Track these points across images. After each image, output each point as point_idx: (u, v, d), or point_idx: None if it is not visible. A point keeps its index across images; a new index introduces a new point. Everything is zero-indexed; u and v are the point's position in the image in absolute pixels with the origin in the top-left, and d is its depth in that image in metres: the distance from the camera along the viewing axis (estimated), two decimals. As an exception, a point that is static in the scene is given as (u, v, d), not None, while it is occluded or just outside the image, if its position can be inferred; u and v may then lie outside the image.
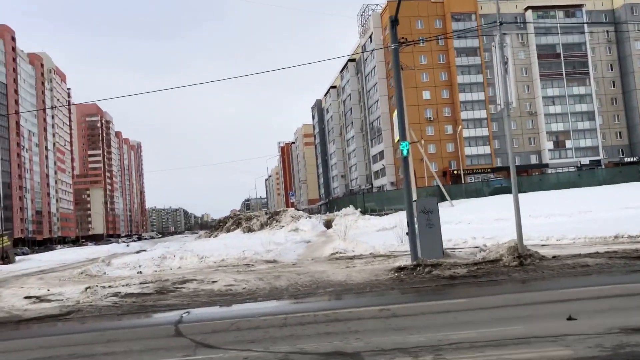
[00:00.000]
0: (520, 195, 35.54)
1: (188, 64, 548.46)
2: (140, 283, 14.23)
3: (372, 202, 42.26)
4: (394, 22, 12.23)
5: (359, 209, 38.74)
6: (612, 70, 73.12)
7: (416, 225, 12.57)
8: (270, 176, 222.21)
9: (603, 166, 65.04)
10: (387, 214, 36.89)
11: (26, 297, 14.08)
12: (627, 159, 68.76)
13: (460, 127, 63.51)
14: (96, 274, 19.45)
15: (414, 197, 36.84)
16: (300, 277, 13.08)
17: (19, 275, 23.51)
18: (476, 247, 17.39)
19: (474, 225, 26.53)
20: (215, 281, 13.53)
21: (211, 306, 10.57)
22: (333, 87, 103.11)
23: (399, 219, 32.83)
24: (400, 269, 12.07)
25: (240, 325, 7.89)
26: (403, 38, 12.41)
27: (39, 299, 13.68)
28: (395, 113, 12.69)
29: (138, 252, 31.86)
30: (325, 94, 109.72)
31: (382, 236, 25.02)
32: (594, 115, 70.73)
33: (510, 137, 12.79)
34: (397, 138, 12.51)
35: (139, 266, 21.40)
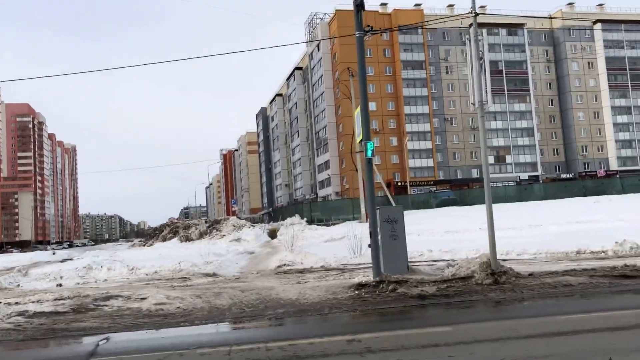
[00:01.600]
0: (466, 207, 35.16)
1: (127, 64, 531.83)
2: (55, 299, 12.08)
3: (318, 211, 40.94)
4: (359, 6, 10.85)
5: (305, 219, 37.26)
6: (550, 88, 75.46)
7: (379, 237, 11.14)
8: (211, 184, 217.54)
9: (541, 181, 66.64)
10: (334, 224, 35.64)
11: None
12: (563, 175, 70.86)
13: (406, 138, 63.45)
14: (7, 286, 16.91)
15: (362, 207, 35.81)
16: (245, 294, 11.37)
17: None
18: (434, 261, 16.25)
19: (424, 237, 25.53)
20: (145, 298, 11.61)
21: (137, 330, 8.72)
22: (279, 94, 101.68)
23: (347, 229, 31.54)
24: (360, 285, 10.59)
25: (170, 363, 6.15)
26: (368, 26, 10.94)
27: None
28: (358, 111, 11.29)
29: (63, 261, 28.99)
30: (271, 102, 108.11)
31: (332, 247, 23.62)
32: (533, 131, 72.60)
33: (485, 140, 11.66)
34: (359, 138, 11.10)
35: (60, 277, 19.00)
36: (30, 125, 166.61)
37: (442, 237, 24.94)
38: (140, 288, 13.47)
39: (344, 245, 25.32)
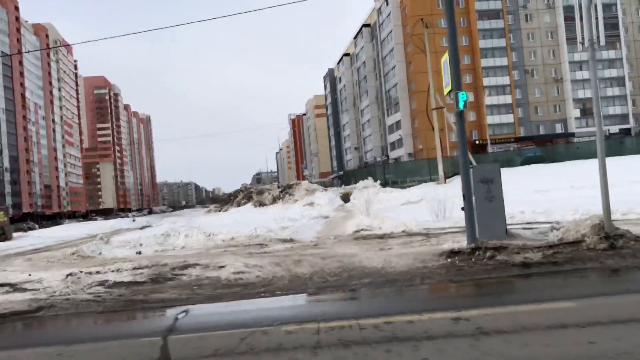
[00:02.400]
0: (554, 165, 32.81)
1: (193, 32, 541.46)
2: (134, 268, 11.89)
3: (391, 173, 39.70)
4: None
5: (379, 181, 36.21)
6: (643, 32, 69.13)
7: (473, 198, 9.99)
8: (280, 149, 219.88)
9: (633, 135, 61.75)
10: (409, 187, 34.37)
11: (0, 285, 11.84)
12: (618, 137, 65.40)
13: (485, 93, 60.07)
14: (90, 254, 17.18)
15: (440, 168, 34.33)
16: (326, 261, 10.64)
17: (9, 254, 21.44)
18: (528, 223, 14.90)
19: (512, 198, 23.78)
20: (223, 266, 11.15)
21: (216, 301, 8.21)
22: (346, 54, 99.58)
23: (424, 191, 30.31)
24: (453, 253, 9.56)
25: (253, 343, 5.47)
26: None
27: (14, 287, 11.37)
28: (445, 57, 10.02)
29: (142, 228, 29.76)
30: (338, 62, 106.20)
31: (410, 211, 22.56)
32: (624, 81, 67.07)
33: (596, 84, 10.08)
34: (447, 88, 9.88)
35: (140, 245, 19.22)
36: (107, 97, 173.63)
37: (531, 197, 23.22)
38: (217, 255, 13.09)
39: (424, 208, 24.17)
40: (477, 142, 62.90)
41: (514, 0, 66.37)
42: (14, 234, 32.45)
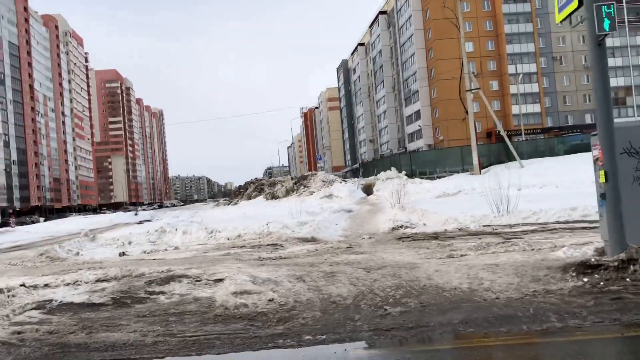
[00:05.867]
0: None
1: (203, 30, 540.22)
2: (97, 280, 8.52)
3: (416, 164, 35.96)
4: None
5: (404, 172, 32.56)
6: (681, 16, 64.50)
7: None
8: (292, 143, 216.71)
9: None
10: (439, 178, 30.74)
11: None
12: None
13: (520, 76, 55.77)
14: (63, 255, 13.88)
15: (474, 156, 30.62)
16: (373, 275, 7.17)
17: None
18: None
19: (566, 190, 20.24)
20: (221, 280, 7.74)
21: (201, 353, 4.77)
22: (361, 44, 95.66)
23: (459, 182, 26.61)
24: (586, 266, 6.00)
25: None
26: None
27: None
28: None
29: (140, 222, 26.53)
30: (352, 53, 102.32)
31: (450, 204, 19.02)
32: (656, 67, 62.65)
33: None
34: (571, 5, 6.28)
35: (129, 243, 15.97)
36: (119, 91, 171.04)
37: (590, 189, 19.52)
38: (216, 261, 9.67)
39: (464, 201, 20.66)
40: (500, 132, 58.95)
41: (540, -18, 62.14)
42: (11, 227, 29.44)
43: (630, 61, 62.37)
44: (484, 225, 12.43)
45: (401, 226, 13.74)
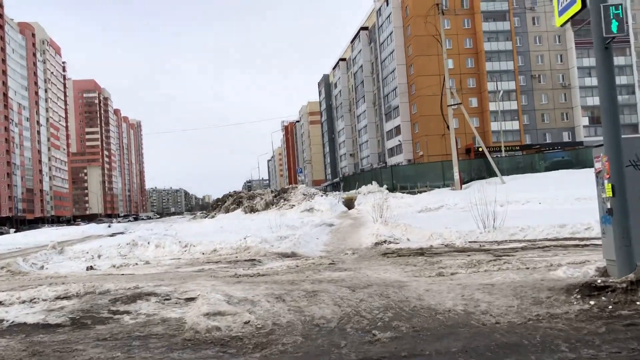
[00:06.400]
0: (585, 170, 28.85)
1: (187, 37, 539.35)
2: (57, 297, 7.78)
3: (398, 178, 35.55)
4: None
5: (385, 186, 32.17)
6: (654, 39, 65.91)
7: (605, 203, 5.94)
8: (273, 157, 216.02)
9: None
10: (420, 192, 30.38)
11: None
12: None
13: (500, 93, 55.94)
14: (26, 269, 13.04)
15: (455, 171, 30.39)
16: (358, 295, 6.61)
17: None
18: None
19: (549, 206, 19.98)
20: (193, 298, 7.10)
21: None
22: (342, 59, 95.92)
23: (440, 197, 26.27)
24: (592, 287, 5.51)
25: None
26: None
27: None
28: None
29: (112, 235, 25.58)
30: (334, 67, 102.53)
31: (432, 219, 18.65)
32: (634, 88, 63.68)
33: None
34: (575, 7, 5.87)
35: (98, 257, 15.19)
36: (97, 101, 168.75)
37: (573, 206, 19.33)
38: (188, 278, 9.01)
39: (447, 215, 20.30)
40: (479, 149, 59.22)
41: (520, 2, 62.89)
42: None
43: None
44: (470, 242, 11.99)
45: (384, 241, 13.25)
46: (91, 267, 12.74)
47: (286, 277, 8.41)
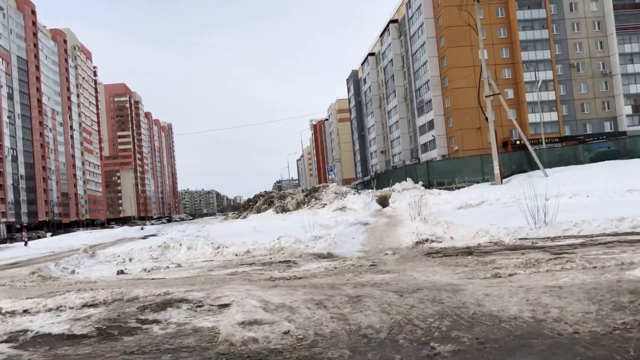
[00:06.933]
0: (635, 160, 27.45)
1: (211, 41, 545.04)
2: (84, 305, 7.34)
3: (434, 174, 34.57)
4: None
5: (421, 183, 31.28)
6: (702, 21, 62.97)
7: None
8: (302, 156, 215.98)
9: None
10: (457, 188, 29.40)
11: None
12: None
13: (539, 82, 54.11)
14: (57, 274, 12.79)
15: (495, 165, 29.30)
16: (408, 300, 5.94)
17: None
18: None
19: (599, 199, 18.85)
20: (227, 305, 6.54)
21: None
22: (371, 54, 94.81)
23: (480, 192, 25.23)
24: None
25: None
26: None
27: None
28: None
29: (144, 237, 25.45)
30: (362, 63, 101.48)
31: (473, 215, 17.79)
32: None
33: None
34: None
35: (129, 260, 14.96)
36: (128, 105, 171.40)
37: (625, 198, 18.18)
38: (221, 282, 8.49)
39: (489, 211, 19.39)
40: (517, 142, 57.55)
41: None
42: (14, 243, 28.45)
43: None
44: (520, 239, 11.17)
45: (426, 240, 12.54)
46: (122, 271, 12.37)
47: (325, 280, 7.79)
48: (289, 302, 6.23)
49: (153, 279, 10.01)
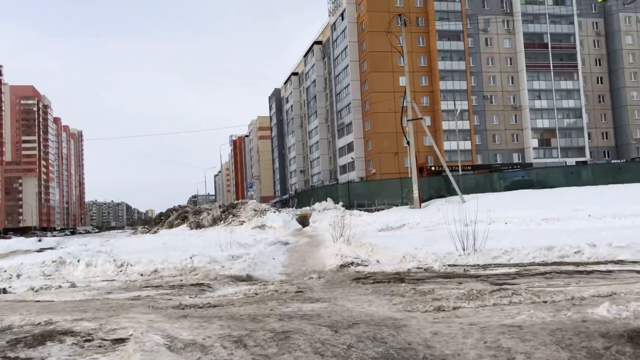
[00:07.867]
0: (546, 190, 28.51)
1: (130, 48, 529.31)
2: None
3: (353, 195, 34.30)
4: None
5: (341, 203, 30.82)
6: (599, 65, 68.23)
7: None
8: (220, 172, 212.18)
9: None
10: (377, 210, 29.18)
11: None
12: (613, 162, 63.75)
13: (458, 111, 55.91)
14: None
15: (415, 189, 29.40)
16: (345, 339, 5.05)
17: None
18: (617, 262, 9.92)
19: (517, 227, 19.05)
20: (123, 340, 5.33)
21: None
22: (294, 74, 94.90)
23: (400, 215, 25.08)
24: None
25: None
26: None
27: None
28: None
29: (40, 250, 23.01)
30: (285, 82, 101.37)
31: (396, 238, 17.47)
32: (581, 112, 65.51)
33: None
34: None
35: (17, 276, 13.04)
36: (35, 109, 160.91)
37: (541, 227, 18.51)
38: (120, 308, 7.19)
39: (410, 234, 19.11)
40: (432, 167, 59.16)
41: (474, 23, 63.78)
42: None
43: (555, 104, 64.83)
44: (449, 265, 10.68)
45: (351, 263, 11.80)
46: (4, 290, 10.60)
47: (245, 309, 6.73)
48: (202, 339, 5.13)
49: (38, 301, 8.49)
